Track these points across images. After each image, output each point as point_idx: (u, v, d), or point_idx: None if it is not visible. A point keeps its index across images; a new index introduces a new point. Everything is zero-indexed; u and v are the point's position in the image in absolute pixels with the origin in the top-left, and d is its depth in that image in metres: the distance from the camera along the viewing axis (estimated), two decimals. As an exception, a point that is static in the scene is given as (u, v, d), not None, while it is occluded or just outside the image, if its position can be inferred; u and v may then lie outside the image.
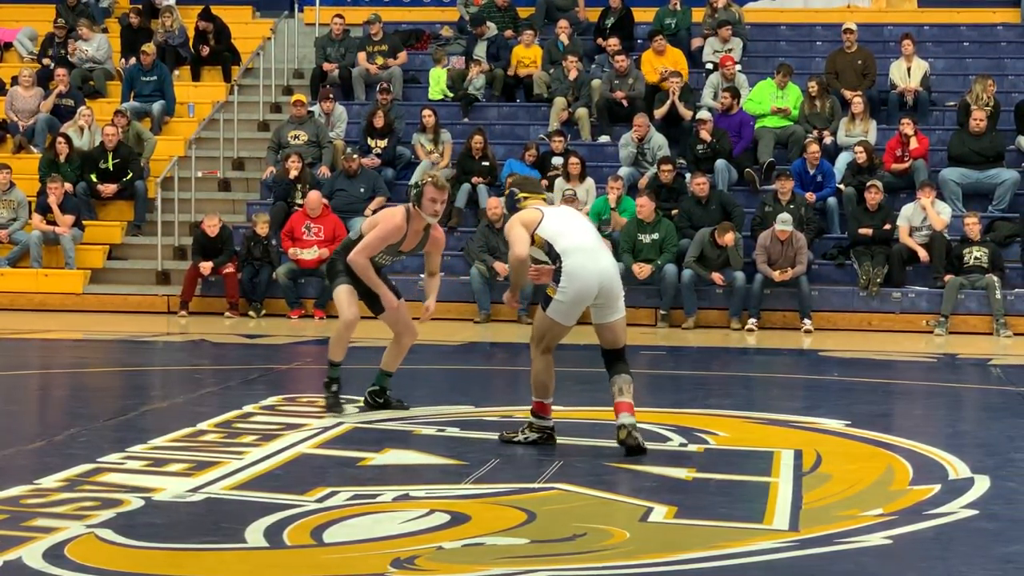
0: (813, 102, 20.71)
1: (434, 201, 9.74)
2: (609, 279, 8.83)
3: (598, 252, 8.94)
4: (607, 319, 8.92)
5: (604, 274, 8.82)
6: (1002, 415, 11.16)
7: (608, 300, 8.86)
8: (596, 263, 8.83)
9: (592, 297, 8.82)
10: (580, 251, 8.84)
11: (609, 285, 8.82)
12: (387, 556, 6.21)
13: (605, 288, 8.80)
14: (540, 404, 9.10)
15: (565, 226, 9.00)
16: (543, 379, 9.06)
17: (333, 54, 23.16)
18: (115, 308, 19.01)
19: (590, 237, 9.01)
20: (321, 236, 18.76)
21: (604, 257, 8.94)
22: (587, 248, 8.89)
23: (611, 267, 8.94)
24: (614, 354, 8.96)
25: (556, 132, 20.56)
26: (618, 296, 8.90)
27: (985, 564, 6.30)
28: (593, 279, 8.78)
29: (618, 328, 8.95)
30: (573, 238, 8.91)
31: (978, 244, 18.14)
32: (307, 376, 13.67)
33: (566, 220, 9.09)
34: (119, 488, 7.53)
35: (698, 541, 6.60)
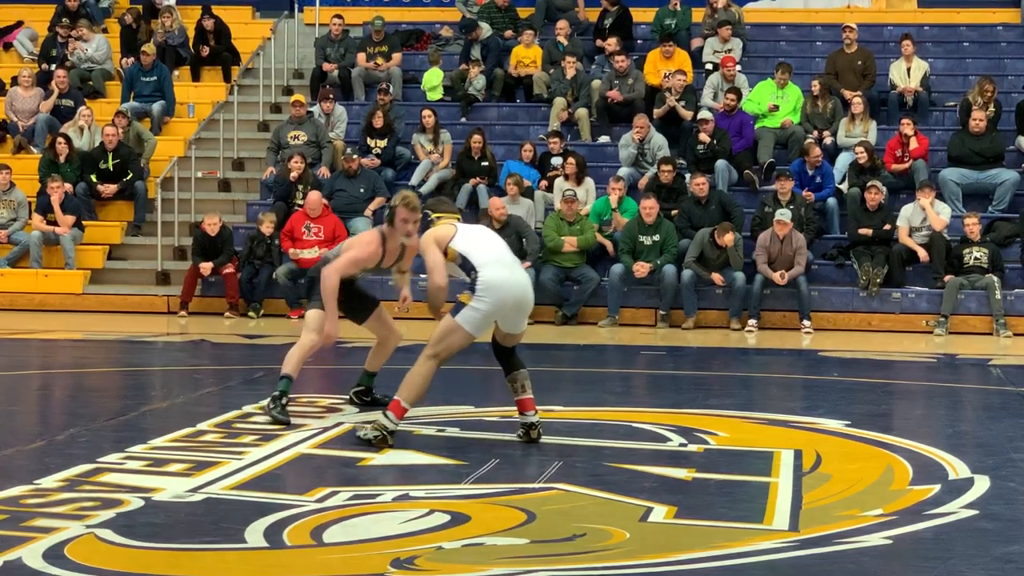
0: (816, 102, 20.71)
1: (406, 222, 9.80)
2: (526, 292, 9.08)
3: (515, 266, 9.17)
4: (517, 329, 9.19)
5: (522, 287, 9.05)
6: (1002, 415, 11.15)
7: (521, 312, 9.09)
8: (514, 275, 9.04)
9: (508, 309, 8.99)
10: (498, 263, 9.01)
11: (526, 298, 9.07)
12: (387, 556, 6.21)
13: (523, 301, 9.05)
14: (397, 404, 9.05)
15: (479, 241, 9.17)
16: (420, 384, 9.09)
17: (333, 54, 23.17)
18: (115, 308, 19.01)
19: (505, 252, 9.18)
20: (321, 236, 18.75)
21: (520, 271, 9.22)
22: (505, 262, 9.07)
23: (527, 281, 9.18)
24: (509, 351, 9.24)
25: (555, 132, 20.56)
26: (531, 308, 9.19)
27: (985, 564, 6.30)
28: (512, 292, 8.97)
29: (520, 336, 9.28)
30: (488, 252, 9.07)
31: (978, 244, 18.14)
32: (307, 376, 13.65)
33: (479, 236, 9.28)
34: (119, 488, 7.53)
35: (698, 541, 6.60)
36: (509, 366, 9.21)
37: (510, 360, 9.23)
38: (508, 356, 9.26)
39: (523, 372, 9.19)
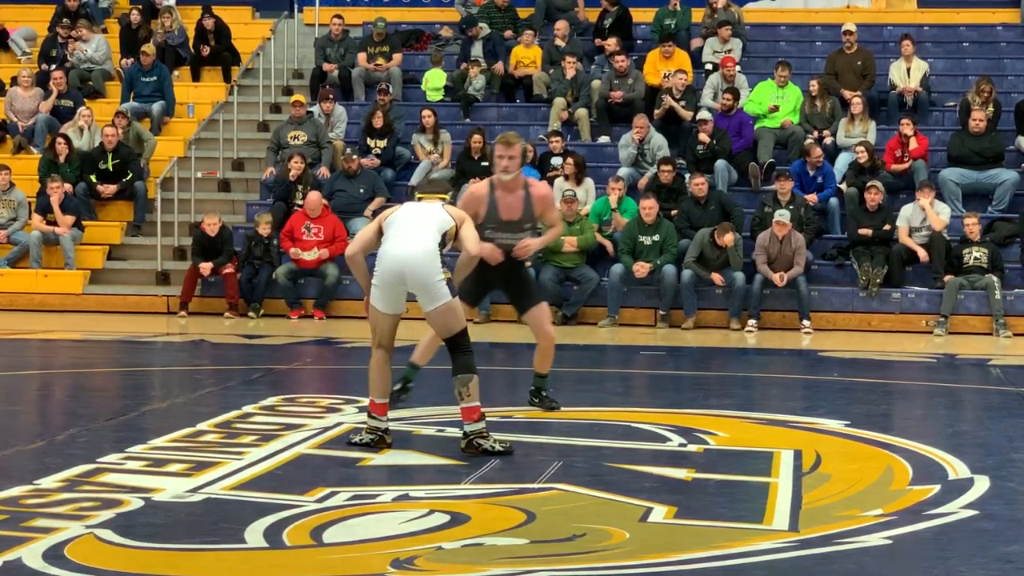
0: (814, 102, 20.72)
1: (500, 157, 9.88)
2: (414, 264, 8.64)
3: (408, 239, 8.74)
4: (424, 308, 8.83)
5: (408, 259, 8.66)
6: (1001, 415, 11.16)
7: (418, 287, 8.72)
8: (401, 248, 8.69)
9: (398, 282, 8.71)
10: (393, 238, 8.79)
11: (413, 271, 8.64)
12: (387, 556, 6.21)
13: (410, 274, 8.65)
14: (372, 402, 9.04)
15: (401, 218, 8.93)
16: (373, 376, 9.06)
17: (332, 54, 23.17)
18: (115, 308, 19.01)
19: (411, 227, 8.81)
20: (321, 237, 18.75)
21: (413, 244, 8.70)
22: (400, 235, 8.78)
23: (418, 253, 8.66)
24: (449, 345, 8.82)
25: (555, 132, 20.57)
26: (426, 284, 8.67)
27: (985, 564, 6.30)
28: (395, 263, 8.67)
29: (436, 318, 8.80)
30: (398, 228, 8.85)
31: (978, 244, 18.14)
32: (306, 377, 13.67)
33: (405, 213, 8.98)
34: (119, 488, 7.54)
35: (698, 541, 6.61)
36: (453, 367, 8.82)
37: (452, 359, 8.81)
38: (450, 353, 8.83)
39: (459, 377, 8.74)
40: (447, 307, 8.72)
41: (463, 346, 8.76)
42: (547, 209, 10.15)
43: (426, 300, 8.74)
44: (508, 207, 10.01)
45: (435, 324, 8.85)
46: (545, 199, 10.14)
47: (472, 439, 8.67)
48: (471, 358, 8.75)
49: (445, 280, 8.68)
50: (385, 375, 9.06)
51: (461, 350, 8.76)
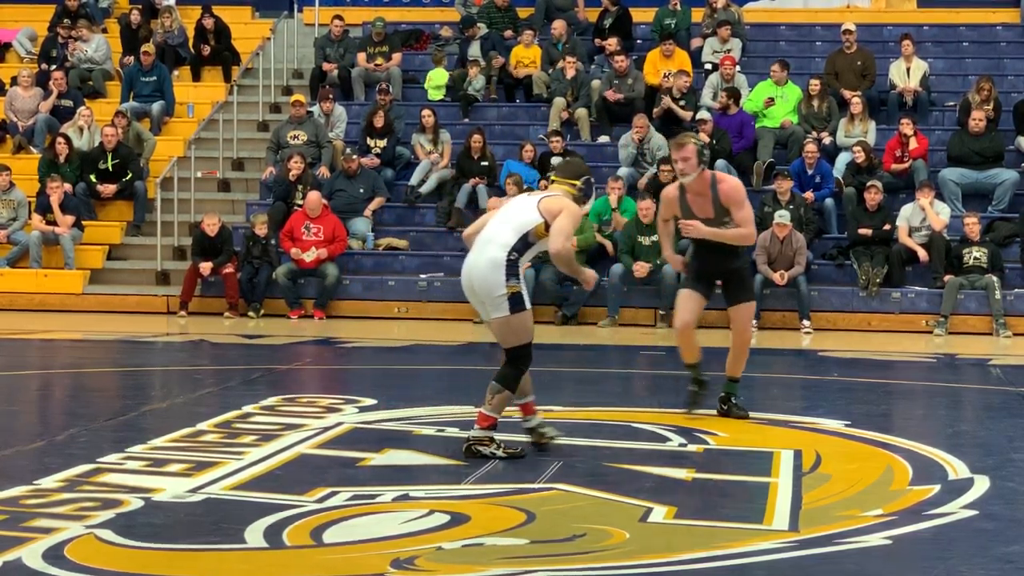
0: (811, 102, 20.72)
1: (675, 161, 9.87)
2: (476, 275, 8.54)
3: (480, 245, 8.61)
4: (484, 318, 8.73)
5: (471, 269, 8.59)
6: (1001, 415, 11.15)
7: (481, 297, 8.57)
8: (470, 256, 8.64)
9: (469, 291, 8.66)
10: (473, 246, 8.72)
11: (477, 282, 8.54)
12: (387, 556, 6.21)
13: (475, 284, 8.55)
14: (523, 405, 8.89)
15: (497, 214, 8.85)
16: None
17: (332, 54, 23.17)
18: (115, 308, 19.01)
19: (490, 230, 8.66)
20: (321, 236, 18.76)
21: (481, 252, 8.56)
22: (479, 240, 8.68)
23: (482, 264, 8.52)
24: (506, 354, 8.63)
25: (555, 132, 20.57)
26: (487, 296, 8.49)
27: (985, 564, 6.30)
28: (464, 273, 8.66)
29: (495, 330, 8.63)
30: (486, 227, 8.75)
31: (977, 244, 18.14)
32: (307, 377, 13.67)
33: (502, 209, 8.88)
34: (119, 488, 7.53)
35: (698, 541, 6.60)
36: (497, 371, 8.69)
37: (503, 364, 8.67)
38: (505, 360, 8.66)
39: (492, 384, 8.60)
40: (504, 321, 8.50)
41: (514, 359, 8.58)
42: (731, 204, 9.93)
43: (489, 309, 8.57)
44: (700, 207, 9.93)
45: (494, 333, 8.68)
46: (729, 193, 9.92)
47: (472, 444, 8.57)
48: (514, 373, 8.58)
49: (508, 294, 8.43)
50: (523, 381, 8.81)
51: (512, 363, 8.59)
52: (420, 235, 20.02)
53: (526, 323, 8.54)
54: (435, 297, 18.80)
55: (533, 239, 8.57)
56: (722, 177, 10.08)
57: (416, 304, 18.83)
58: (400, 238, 19.84)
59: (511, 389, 8.58)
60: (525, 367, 8.62)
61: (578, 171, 8.92)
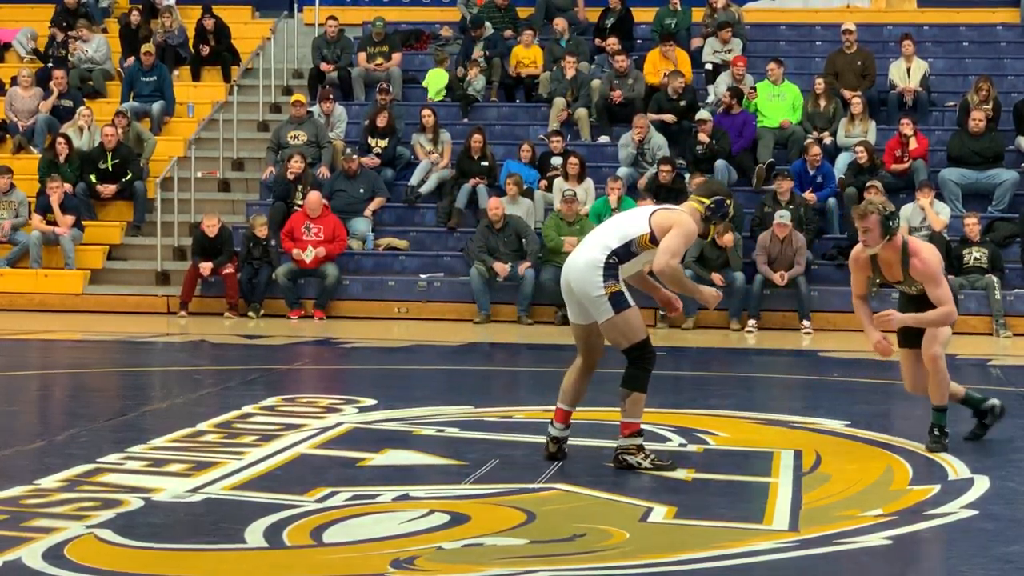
0: (817, 101, 20.72)
1: (860, 231, 9.21)
2: (574, 275, 8.44)
3: (582, 247, 8.56)
4: (576, 319, 8.61)
5: (569, 269, 8.51)
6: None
7: (581, 300, 8.44)
8: (571, 257, 8.61)
9: (567, 291, 8.53)
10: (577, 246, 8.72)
11: (574, 282, 8.42)
12: (387, 556, 6.21)
13: (573, 285, 8.43)
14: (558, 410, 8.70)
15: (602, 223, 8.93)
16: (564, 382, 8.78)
17: (329, 55, 23.13)
18: (115, 308, 19.00)
19: (595, 234, 8.64)
20: (321, 236, 18.75)
21: (580, 254, 8.50)
22: (581, 244, 8.68)
23: (579, 264, 8.43)
24: (625, 355, 8.51)
25: (555, 132, 20.57)
26: (585, 297, 8.38)
27: (985, 564, 6.30)
28: (564, 273, 8.58)
29: (605, 333, 8.52)
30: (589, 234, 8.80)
31: (977, 244, 18.15)
32: (306, 377, 13.68)
33: (611, 218, 8.97)
34: (119, 488, 7.53)
35: (698, 541, 6.60)
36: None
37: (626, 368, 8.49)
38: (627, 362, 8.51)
39: (620, 390, 8.48)
40: (611, 323, 8.34)
41: (635, 360, 8.44)
42: (925, 281, 9.17)
43: (594, 313, 8.41)
44: (891, 273, 9.39)
45: (607, 338, 8.52)
46: (922, 271, 9.14)
47: (619, 454, 8.38)
48: (639, 374, 8.44)
49: (608, 294, 8.29)
50: (566, 379, 8.74)
51: (632, 363, 8.45)
52: (420, 235, 20.02)
53: (633, 320, 8.38)
54: (435, 297, 18.81)
55: (637, 248, 8.42)
56: (915, 249, 9.20)
57: (416, 304, 18.83)
58: (400, 238, 19.84)
59: (642, 390, 8.43)
60: (649, 364, 8.47)
61: (712, 190, 8.74)
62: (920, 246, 9.26)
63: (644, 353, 8.44)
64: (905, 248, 9.12)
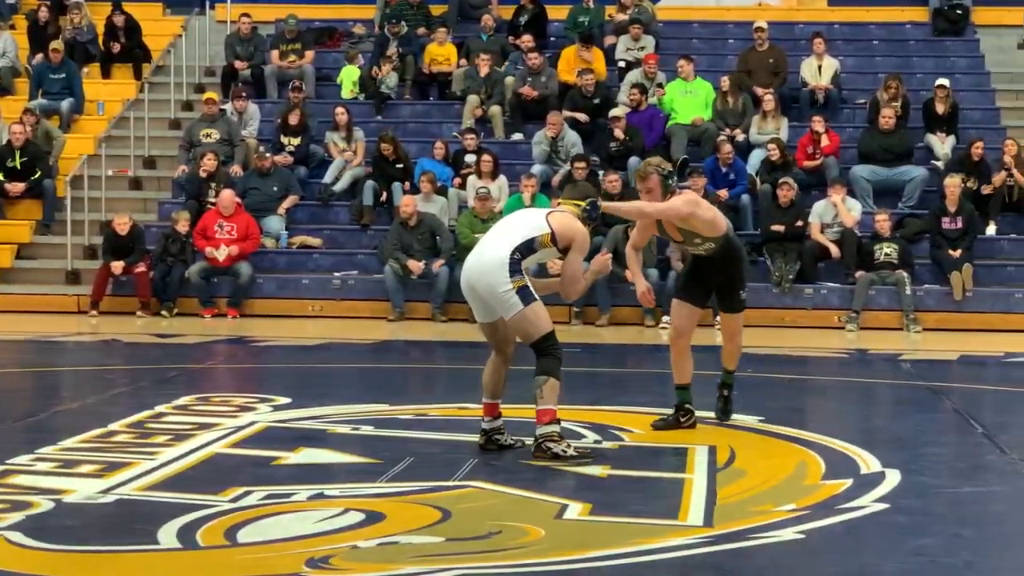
0: (726, 99, 20.84)
1: (641, 192, 9.70)
2: (477, 274, 8.50)
3: (482, 247, 8.61)
4: (482, 318, 8.71)
5: (471, 269, 8.57)
6: (913, 410, 11.28)
7: (486, 298, 8.52)
8: (470, 258, 8.65)
9: (470, 293, 8.60)
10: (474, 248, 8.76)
11: (479, 281, 8.49)
12: (301, 556, 6.17)
13: (476, 284, 8.50)
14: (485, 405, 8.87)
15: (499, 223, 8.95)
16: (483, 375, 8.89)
17: (242, 53, 22.98)
18: (24, 308, 18.79)
19: (493, 234, 8.71)
20: (234, 235, 18.65)
21: (481, 253, 8.55)
22: (480, 244, 8.73)
23: (484, 263, 8.49)
24: (534, 349, 8.57)
25: (469, 130, 20.56)
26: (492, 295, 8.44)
27: (897, 557, 6.35)
28: (464, 274, 8.63)
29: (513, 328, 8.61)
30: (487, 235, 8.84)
31: (888, 240, 18.32)
32: (220, 376, 13.59)
33: (504, 220, 8.96)
34: (28, 490, 7.45)
35: (613, 538, 6.61)
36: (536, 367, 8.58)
37: (536, 360, 8.57)
38: (536, 355, 8.58)
39: (536, 379, 8.51)
40: (520, 316, 8.43)
41: (546, 350, 8.50)
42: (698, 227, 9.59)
43: (500, 311, 8.49)
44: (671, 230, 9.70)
45: (515, 332, 8.61)
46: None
47: (541, 442, 8.41)
48: (552, 362, 8.48)
49: (515, 288, 8.38)
50: (485, 374, 8.85)
51: (544, 353, 8.50)
52: (334, 233, 19.96)
53: (541, 312, 8.48)
54: (349, 295, 18.77)
55: (538, 245, 8.55)
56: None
57: (330, 302, 18.77)
58: (314, 236, 19.77)
59: (556, 376, 8.48)
60: (560, 352, 8.55)
61: (584, 193, 9.04)
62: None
63: (553, 343, 8.53)
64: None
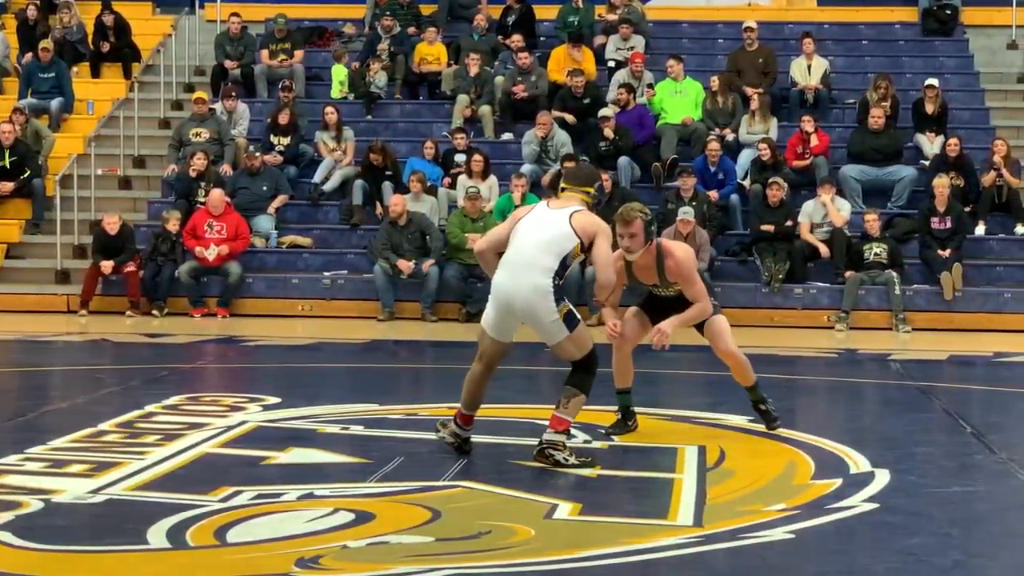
0: (715, 98, 20.85)
1: (621, 237, 9.18)
2: (524, 304, 8.28)
3: (520, 269, 8.28)
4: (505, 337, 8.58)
5: (517, 296, 8.29)
6: (902, 410, 11.29)
7: (531, 325, 8.39)
8: (512, 281, 8.30)
9: (508, 313, 8.38)
10: (507, 263, 8.37)
11: (524, 310, 8.31)
12: (291, 556, 6.17)
13: (521, 311, 8.33)
14: (459, 411, 8.68)
15: (525, 227, 8.47)
16: (465, 386, 8.67)
17: (232, 52, 22.96)
18: (13, 308, 18.75)
19: (527, 251, 8.33)
20: (224, 234, 18.64)
21: (524, 278, 8.26)
22: (514, 262, 8.34)
23: (528, 292, 8.25)
24: (574, 364, 8.54)
25: (459, 129, 20.55)
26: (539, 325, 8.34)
27: (886, 557, 6.36)
28: (507, 297, 8.33)
29: (559, 352, 8.52)
30: (517, 245, 8.40)
31: (878, 240, 18.34)
32: (210, 375, 13.58)
33: (530, 224, 8.46)
34: (18, 490, 7.44)
35: (603, 538, 6.62)
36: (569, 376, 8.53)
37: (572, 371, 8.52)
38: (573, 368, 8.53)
39: (567, 388, 8.44)
40: (568, 341, 8.41)
41: (587, 367, 8.49)
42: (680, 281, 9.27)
43: (544, 337, 8.46)
44: (646, 276, 9.37)
45: (559, 355, 8.56)
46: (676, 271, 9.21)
47: (545, 448, 8.31)
48: (588, 379, 8.47)
49: (561, 317, 8.30)
50: (474, 387, 8.66)
51: (583, 369, 8.48)
52: (324, 233, 19.95)
53: (584, 334, 8.47)
54: (339, 295, 18.76)
55: (570, 260, 8.44)
56: (669, 251, 9.27)
57: (320, 302, 18.76)
58: (304, 236, 19.76)
59: (586, 392, 8.45)
60: (596, 368, 8.53)
61: (591, 176, 8.78)
62: (673, 247, 9.34)
63: (595, 360, 8.52)
64: (660, 251, 9.22)
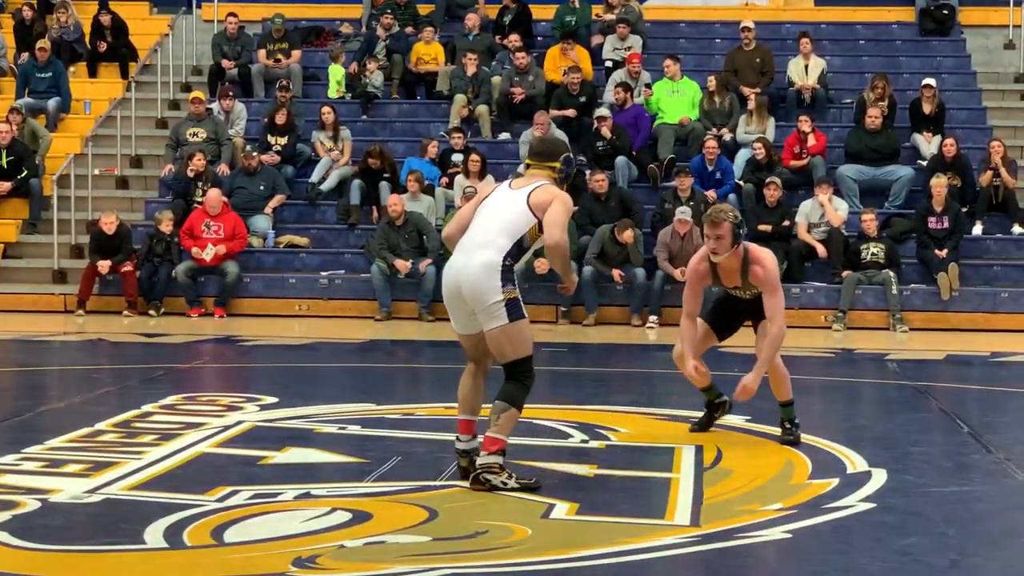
0: (712, 98, 20.86)
1: (708, 238, 8.98)
2: (469, 279, 7.61)
3: (473, 246, 7.70)
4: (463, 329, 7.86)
5: (463, 272, 7.66)
6: (899, 409, 11.30)
7: (473, 305, 7.65)
8: (461, 259, 7.71)
9: (457, 298, 7.72)
10: (462, 244, 7.80)
11: (469, 287, 7.62)
12: (288, 555, 6.17)
13: (466, 290, 7.63)
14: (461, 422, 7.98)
15: (487, 208, 7.87)
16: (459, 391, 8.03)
17: (229, 52, 22.96)
18: (11, 307, 18.75)
19: (481, 228, 7.75)
20: (221, 234, 18.64)
21: (474, 254, 7.65)
22: (469, 240, 7.77)
23: (476, 267, 7.61)
24: (504, 369, 7.77)
25: (456, 129, 20.55)
26: (480, 303, 7.60)
27: (883, 557, 6.36)
28: (454, 276, 7.71)
29: (490, 340, 7.69)
30: (475, 224, 7.84)
31: (875, 240, 18.35)
32: (207, 375, 13.58)
33: (492, 203, 7.87)
34: (15, 490, 7.43)
35: (599, 537, 6.62)
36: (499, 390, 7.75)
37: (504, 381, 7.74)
38: (505, 376, 7.75)
39: (495, 403, 7.67)
40: (501, 331, 7.59)
41: (518, 375, 7.68)
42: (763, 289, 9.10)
43: (482, 319, 7.63)
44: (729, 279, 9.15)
45: (490, 346, 7.70)
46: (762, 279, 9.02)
47: (480, 473, 7.59)
48: (520, 390, 7.68)
49: (505, 300, 7.56)
50: (464, 389, 7.95)
51: (514, 377, 7.69)
52: (321, 232, 19.95)
53: (525, 331, 7.71)
54: (336, 295, 18.76)
55: (528, 243, 7.82)
56: (757, 257, 8.99)
57: (317, 302, 18.76)
58: (301, 235, 19.76)
59: (518, 407, 7.69)
60: (531, 382, 7.75)
61: (555, 150, 8.07)
62: (763, 255, 9.08)
63: (528, 369, 7.73)
64: (747, 255, 8.98)
